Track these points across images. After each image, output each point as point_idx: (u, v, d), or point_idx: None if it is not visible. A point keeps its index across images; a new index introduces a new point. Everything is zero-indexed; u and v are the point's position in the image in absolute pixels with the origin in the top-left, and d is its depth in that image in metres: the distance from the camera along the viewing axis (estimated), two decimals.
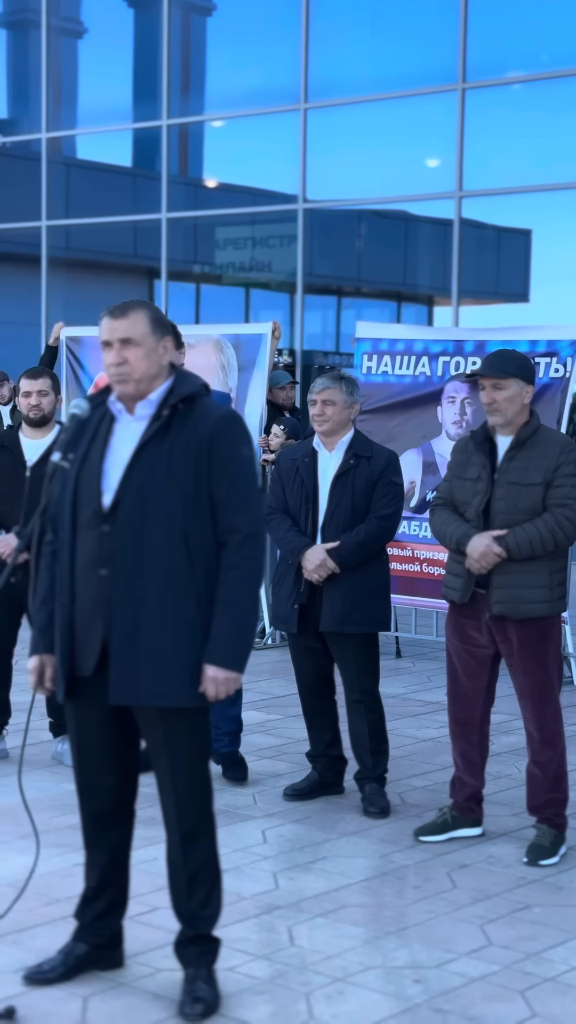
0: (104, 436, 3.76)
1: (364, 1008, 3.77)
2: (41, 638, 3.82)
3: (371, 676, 5.63)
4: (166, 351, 3.77)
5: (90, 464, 3.74)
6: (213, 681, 3.66)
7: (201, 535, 3.67)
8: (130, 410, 3.77)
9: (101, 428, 3.78)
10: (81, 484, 3.74)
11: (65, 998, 3.77)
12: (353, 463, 5.58)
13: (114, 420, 3.79)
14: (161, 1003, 3.76)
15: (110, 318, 3.73)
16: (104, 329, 3.73)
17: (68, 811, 5.28)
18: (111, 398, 3.81)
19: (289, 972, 3.99)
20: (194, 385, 3.78)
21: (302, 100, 14.52)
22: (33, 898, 4.40)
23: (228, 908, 4.31)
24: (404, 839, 5.18)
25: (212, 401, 3.82)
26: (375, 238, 15.58)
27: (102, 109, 16.88)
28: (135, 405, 3.76)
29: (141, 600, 3.63)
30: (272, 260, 15.87)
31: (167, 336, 3.78)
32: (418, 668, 8.46)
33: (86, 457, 3.76)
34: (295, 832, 5.24)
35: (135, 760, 3.90)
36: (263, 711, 7.15)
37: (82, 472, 3.75)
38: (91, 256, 17.51)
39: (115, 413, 3.79)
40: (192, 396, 3.75)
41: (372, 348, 8.34)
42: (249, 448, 3.79)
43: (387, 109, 14.24)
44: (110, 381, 3.76)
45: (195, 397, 3.76)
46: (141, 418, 3.75)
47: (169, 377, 3.79)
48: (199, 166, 16.76)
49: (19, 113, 17.86)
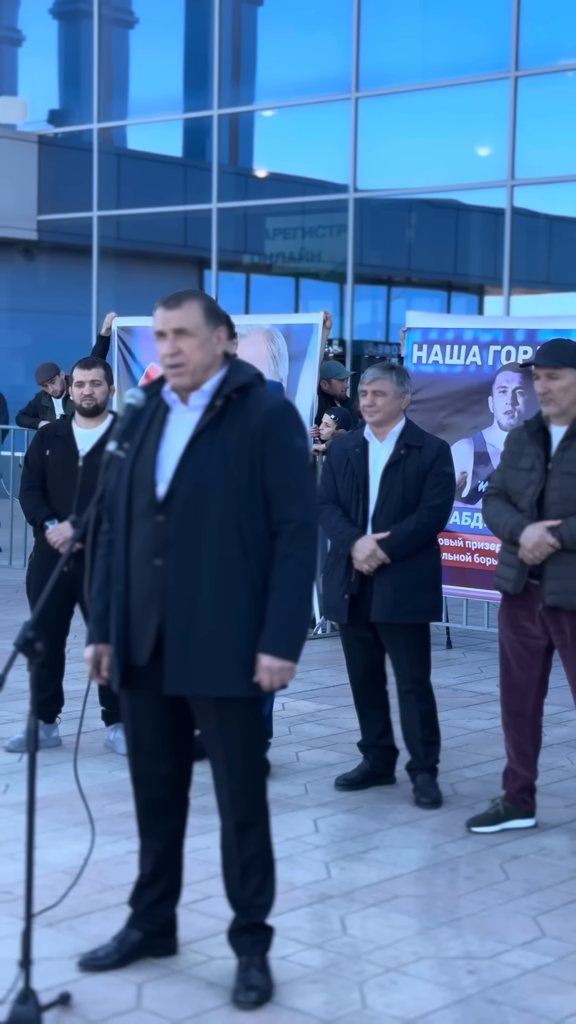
0: (158, 426, 3.78)
1: (417, 998, 3.77)
2: (97, 628, 3.84)
3: (422, 666, 5.62)
4: (220, 341, 3.77)
5: (144, 454, 3.75)
6: (267, 670, 3.67)
7: (255, 525, 3.68)
8: (184, 400, 3.78)
9: (155, 418, 3.79)
10: (136, 474, 3.76)
11: (119, 985, 3.80)
12: (404, 453, 5.57)
13: (168, 410, 3.80)
14: (215, 990, 3.78)
15: (164, 309, 3.73)
16: (158, 320, 3.74)
17: (121, 799, 5.31)
18: (165, 388, 3.82)
19: (342, 961, 4.00)
20: (248, 375, 3.78)
21: (353, 89, 14.48)
22: (87, 885, 4.43)
23: (280, 897, 4.32)
24: (456, 830, 5.18)
25: (266, 391, 3.82)
26: (426, 227, 15.52)
27: (153, 99, 16.91)
28: (189, 395, 3.76)
29: (196, 590, 3.65)
30: (322, 250, 15.85)
31: (221, 326, 3.78)
32: (469, 659, 8.43)
33: (141, 447, 3.77)
34: (347, 822, 5.25)
35: (189, 748, 3.92)
36: (314, 701, 7.16)
37: (137, 462, 3.76)
38: (142, 246, 17.56)
39: (169, 403, 3.80)
40: (246, 386, 3.75)
41: (422, 338, 8.32)
42: (303, 438, 3.79)
43: (439, 97, 14.17)
44: (164, 372, 3.77)
45: (249, 387, 3.76)
46: (195, 408, 3.76)
47: (223, 367, 3.79)
48: (249, 156, 16.75)
49: (71, 104, 17.92)
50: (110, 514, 3.84)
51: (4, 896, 4.39)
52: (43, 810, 5.19)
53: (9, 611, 9.51)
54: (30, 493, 6.14)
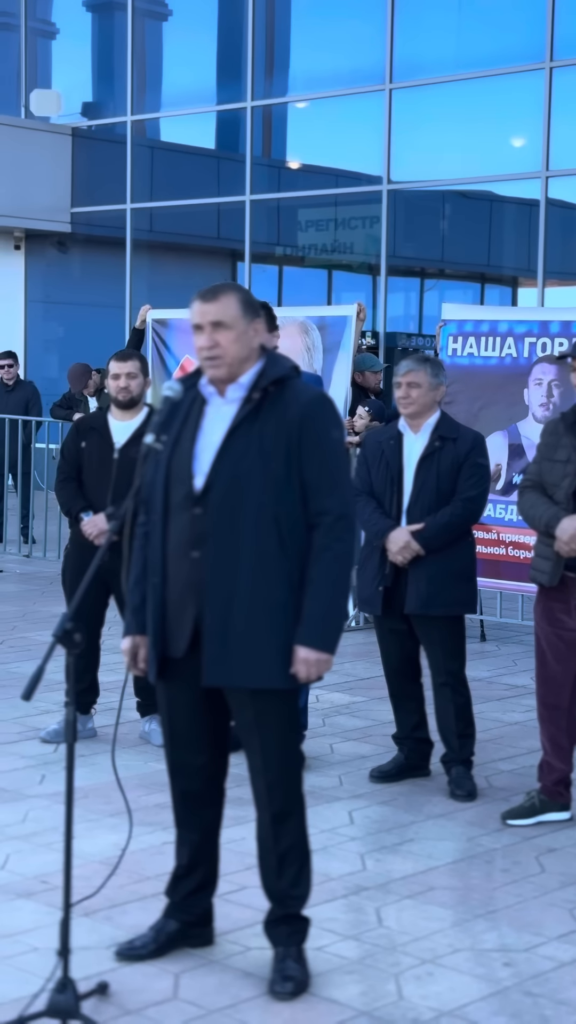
0: (195, 419, 3.78)
1: (454, 990, 3.77)
2: (134, 619, 3.86)
3: (457, 659, 5.61)
4: (256, 334, 3.78)
5: (181, 447, 3.76)
6: (305, 662, 3.68)
7: (292, 517, 3.68)
8: (221, 393, 3.78)
9: (192, 411, 3.80)
10: (173, 467, 3.77)
11: (156, 974, 3.82)
12: (439, 445, 5.56)
13: (205, 403, 3.81)
14: (251, 981, 3.79)
15: (201, 301, 3.74)
16: (195, 312, 3.75)
17: (156, 790, 5.34)
18: (202, 381, 3.82)
19: (378, 953, 4.01)
20: (284, 367, 3.79)
21: (387, 80, 14.43)
22: (124, 875, 4.45)
23: (316, 888, 4.33)
24: (491, 822, 5.17)
25: (302, 383, 3.83)
26: (459, 219, 15.47)
27: (186, 91, 16.91)
28: (226, 388, 3.77)
29: (233, 582, 3.66)
30: (355, 242, 15.82)
31: (257, 319, 3.78)
32: (503, 652, 8.42)
33: (178, 440, 3.78)
34: (382, 814, 5.25)
35: (225, 740, 3.94)
36: (348, 693, 7.17)
37: (174, 455, 3.77)
38: (175, 239, 17.57)
39: (206, 396, 3.81)
40: (283, 378, 3.76)
41: (457, 330, 8.30)
42: (339, 430, 3.79)
43: (473, 88, 14.10)
44: (201, 364, 3.78)
45: (286, 379, 3.76)
46: (232, 401, 3.76)
47: (260, 360, 3.80)
48: (283, 148, 16.74)
49: (104, 96, 17.95)
50: (147, 506, 3.86)
51: (41, 886, 4.42)
52: (79, 801, 5.21)
53: (44, 602, 9.56)
54: (65, 485, 6.16)
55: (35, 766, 5.71)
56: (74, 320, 18.11)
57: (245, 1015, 3.60)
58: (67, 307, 18.22)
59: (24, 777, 5.56)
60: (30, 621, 8.87)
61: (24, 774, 5.60)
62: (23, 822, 5.02)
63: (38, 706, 6.56)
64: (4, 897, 4.32)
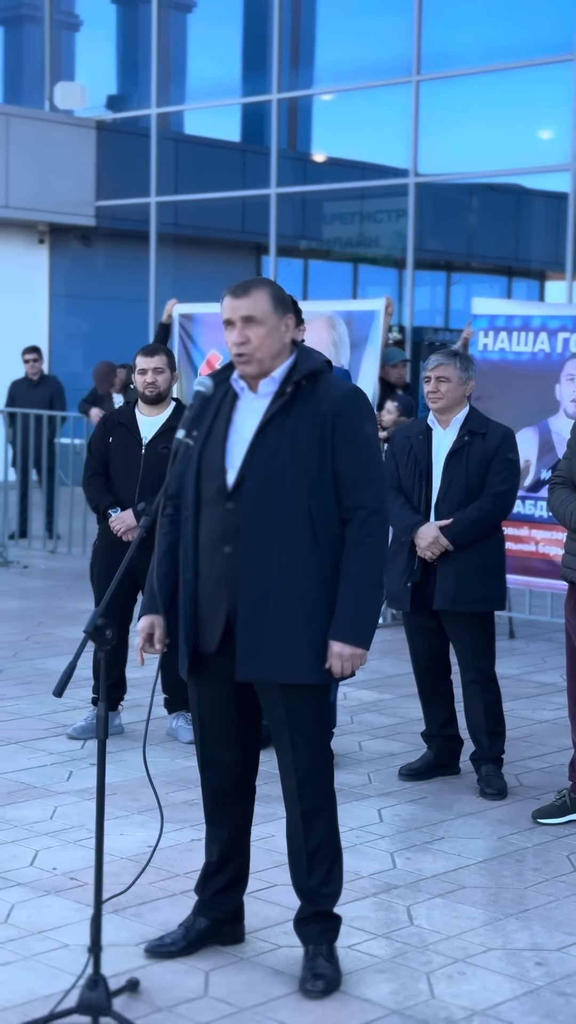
0: (227, 414, 3.76)
1: (486, 989, 3.75)
2: (151, 600, 3.81)
3: (486, 656, 5.57)
4: (288, 329, 3.75)
5: (213, 442, 3.74)
6: (339, 657, 3.66)
7: (325, 512, 3.66)
8: (253, 388, 3.76)
9: (224, 406, 3.78)
10: (204, 462, 3.74)
11: (187, 972, 3.80)
12: (468, 440, 5.52)
13: (237, 398, 3.78)
14: (282, 979, 3.77)
15: (232, 297, 3.71)
16: (226, 308, 3.72)
17: (184, 787, 5.32)
18: (234, 376, 3.80)
19: (409, 952, 3.98)
20: (316, 362, 3.77)
21: (414, 72, 14.36)
22: (152, 872, 4.44)
23: (346, 886, 4.30)
24: (522, 821, 5.14)
25: (335, 377, 3.80)
26: (487, 212, 15.40)
27: (211, 84, 16.88)
28: (258, 383, 3.75)
29: (266, 577, 3.63)
30: (381, 235, 15.77)
31: (289, 314, 3.76)
32: (532, 649, 8.37)
33: (209, 435, 3.76)
34: (411, 812, 5.22)
35: (256, 736, 3.91)
36: (375, 690, 7.14)
37: (205, 450, 3.75)
38: (200, 232, 17.54)
39: (238, 391, 3.79)
40: (315, 373, 3.73)
41: (489, 325, 8.25)
42: (373, 424, 3.77)
43: (501, 80, 14.03)
44: (232, 359, 3.75)
45: (318, 374, 3.74)
46: (264, 396, 3.74)
47: (291, 354, 3.77)
48: (308, 140, 16.69)
49: (129, 89, 17.93)
50: (177, 501, 3.83)
51: (70, 883, 4.40)
52: (107, 797, 5.20)
53: (70, 599, 9.55)
54: (93, 480, 6.15)
55: (62, 762, 5.70)
56: (98, 314, 18.11)
57: (276, 1013, 3.58)
58: (91, 301, 18.22)
59: (52, 773, 5.55)
60: (55, 617, 8.86)
61: (52, 770, 5.59)
62: (51, 819, 5.01)
63: (65, 702, 6.54)
64: (33, 894, 4.31)
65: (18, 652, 7.78)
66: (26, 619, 8.79)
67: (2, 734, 6.09)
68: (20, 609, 9.20)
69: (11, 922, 4.10)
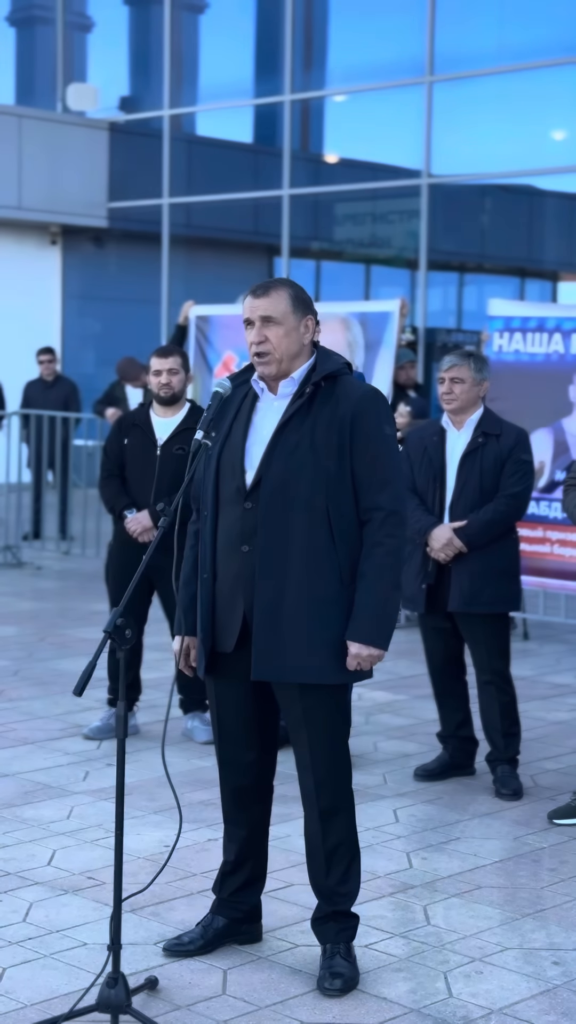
0: (247, 414, 3.78)
1: (503, 988, 3.76)
2: (185, 619, 3.85)
3: (501, 657, 5.58)
4: (308, 330, 3.77)
5: (232, 442, 3.76)
6: (357, 658, 3.67)
7: (343, 513, 3.67)
8: (272, 389, 3.78)
9: (244, 406, 3.80)
10: (223, 462, 3.76)
11: (205, 970, 3.81)
12: (482, 441, 5.53)
13: (256, 398, 3.80)
14: (300, 978, 3.78)
15: (252, 297, 3.73)
16: (246, 308, 3.74)
17: (200, 787, 5.33)
18: (254, 376, 3.82)
19: (426, 951, 3.99)
20: (336, 363, 3.78)
21: (427, 73, 14.36)
22: (170, 872, 4.45)
23: (363, 886, 4.31)
24: (537, 821, 5.14)
25: (354, 379, 3.82)
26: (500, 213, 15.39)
27: (223, 85, 16.89)
28: (277, 384, 3.76)
29: (283, 577, 3.65)
30: (394, 236, 15.77)
31: (309, 315, 3.77)
32: (546, 650, 8.37)
33: (228, 435, 3.78)
34: (427, 812, 5.23)
35: (274, 736, 3.93)
36: (391, 691, 7.14)
37: (224, 450, 3.77)
38: (212, 233, 17.55)
39: (257, 391, 3.80)
40: (334, 374, 3.75)
41: (504, 326, 8.25)
42: (391, 426, 3.78)
43: (514, 81, 14.02)
44: (252, 360, 3.77)
45: (337, 375, 3.76)
46: (283, 396, 3.76)
47: (311, 355, 3.79)
48: (321, 141, 16.70)
49: (141, 90, 17.96)
50: (197, 503, 3.85)
51: (88, 882, 4.42)
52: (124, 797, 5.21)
53: (84, 600, 9.57)
54: (109, 482, 6.16)
55: (79, 762, 5.71)
56: (111, 316, 18.13)
57: (294, 1011, 3.59)
58: (103, 303, 18.25)
59: (68, 773, 5.57)
60: (68, 618, 8.88)
61: (68, 770, 5.61)
62: (68, 818, 5.03)
63: (80, 703, 6.56)
64: (51, 893, 4.33)
65: (32, 653, 7.81)
66: (40, 620, 8.82)
67: (18, 734, 6.11)
68: (34, 610, 9.22)
69: (30, 920, 4.12)
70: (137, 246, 17.98)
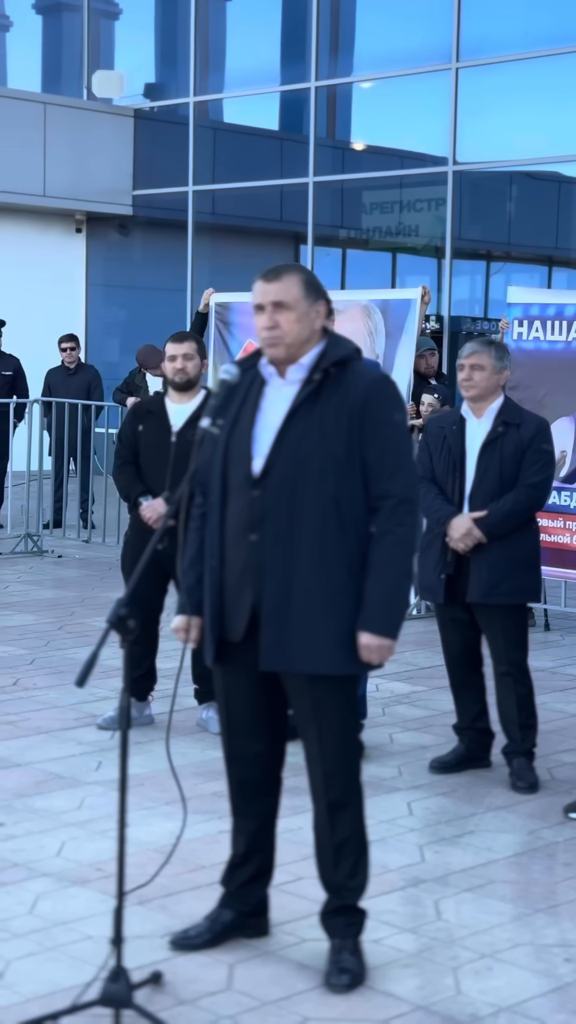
0: (255, 400, 3.72)
1: (513, 985, 3.70)
2: (189, 599, 3.80)
3: (519, 648, 5.51)
4: (319, 315, 3.71)
5: (240, 428, 3.71)
6: (367, 648, 3.61)
7: (353, 501, 3.62)
8: (281, 374, 3.72)
9: (252, 392, 3.74)
10: (231, 448, 3.71)
11: (211, 964, 3.77)
12: (502, 430, 5.46)
13: (265, 384, 3.75)
14: (307, 973, 3.74)
15: (263, 281, 3.68)
16: (256, 292, 3.69)
17: (213, 778, 5.29)
18: (262, 362, 3.76)
19: (436, 946, 3.94)
20: (346, 349, 3.73)
21: (454, 59, 14.25)
22: (179, 864, 4.41)
23: (373, 880, 4.26)
24: (553, 815, 5.08)
25: (364, 365, 3.76)
26: (526, 201, 15.26)
27: (249, 72, 16.82)
28: (287, 369, 3.71)
29: (293, 566, 3.59)
30: (420, 224, 15.67)
31: (321, 300, 3.72)
32: (567, 642, 8.29)
33: (236, 421, 3.72)
34: (441, 805, 5.17)
35: (282, 728, 3.88)
36: (408, 682, 7.08)
37: (232, 436, 3.71)
38: (237, 221, 17.50)
39: (266, 377, 3.75)
40: (344, 360, 3.69)
41: (523, 314, 8.16)
42: (402, 413, 3.73)
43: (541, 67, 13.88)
44: (261, 345, 3.71)
45: (347, 361, 3.70)
46: (292, 382, 3.70)
47: (321, 341, 3.73)
48: (347, 128, 16.60)
49: (167, 77, 17.91)
50: (204, 489, 3.80)
51: (96, 874, 4.38)
52: (135, 788, 5.18)
53: (104, 588, 9.55)
54: (123, 469, 6.13)
55: (92, 752, 5.68)
56: (135, 304, 18.10)
57: (300, 1007, 3.55)
58: (128, 291, 18.22)
59: (80, 764, 5.53)
60: (88, 607, 8.86)
61: (80, 760, 5.58)
62: (79, 809, 4.99)
63: (95, 692, 6.54)
64: (59, 884, 4.30)
65: (50, 642, 7.78)
66: (59, 608, 8.80)
67: (32, 724, 6.09)
68: (54, 599, 9.20)
69: (36, 913, 4.08)
70: (162, 234, 17.95)
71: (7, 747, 5.71)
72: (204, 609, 3.75)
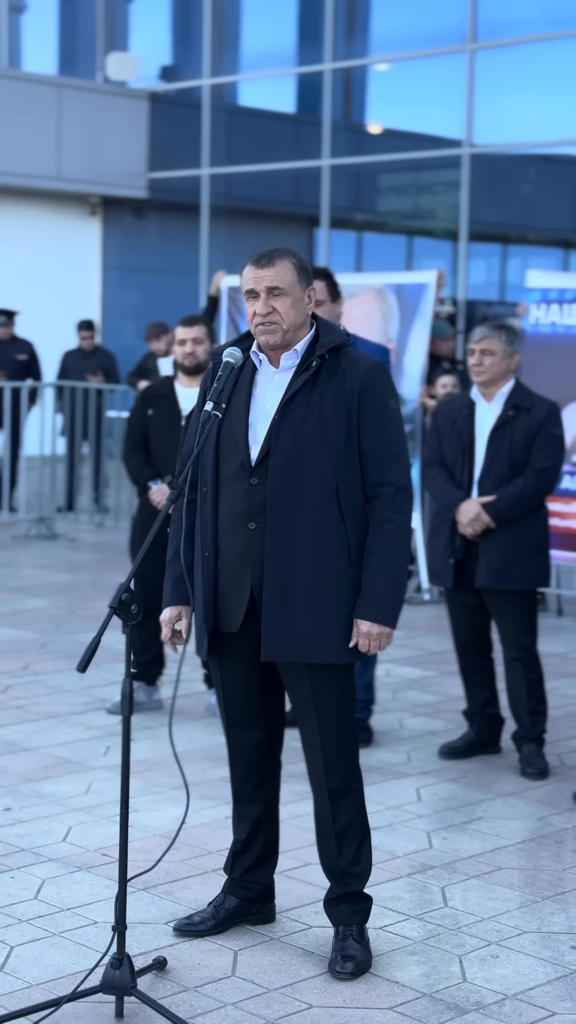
0: (246, 388, 3.68)
1: (519, 973, 3.68)
2: (175, 590, 3.76)
3: (529, 634, 5.48)
4: (310, 300, 3.68)
5: (233, 416, 3.66)
6: (367, 636, 3.59)
7: (351, 489, 3.59)
8: (273, 361, 3.68)
9: (242, 379, 3.70)
10: (223, 437, 3.67)
11: (215, 951, 3.75)
12: (512, 415, 5.42)
13: (255, 371, 3.70)
14: (311, 960, 3.72)
15: (255, 267, 3.62)
16: (249, 278, 3.63)
17: (220, 763, 5.27)
18: (252, 348, 3.72)
19: (442, 933, 3.92)
20: (340, 336, 3.70)
21: (469, 41, 14.15)
22: (185, 849, 4.40)
23: (380, 866, 4.26)
24: (563, 801, 5.05)
25: (357, 351, 3.73)
26: (543, 183, 15.15)
27: (264, 54, 16.73)
28: (279, 355, 3.67)
29: (292, 554, 3.56)
30: (435, 207, 15.58)
31: (311, 284, 3.69)
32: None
33: (228, 409, 3.68)
34: (450, 791, 5.15)
35: (281, 714, 3.86)
36: (419, 667, 7.06)
37: (224, 424, 3.67)
38: (252, 204, 17.43)
39: (256, 363, 3.71)
40: (339, 346, 3.66)
41: (541, 298, 8.10)
42: (396, 399, 3.72)
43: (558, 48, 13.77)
44: (255, 331, 3.66)
45: (340, 347, 3.67)
46: (286, 369, 3.67)
47: (312, 326, 3.70)
48: (362, 111, 16.51)
49: (182, 60, 17.82)
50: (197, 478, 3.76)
51: (102, 859, 4.37)
52: (142, 773, 5.17)
53: (117, 572, 9.54)
54: (133, 453, 6.11)
55: (100, 737, 5.67)
56: (150, 287, 18.06)
57: (304, 994, 3.53)
58: (143, 274, 18.17)
59: (89, 748, 5.52)
60: (101, 591, 8.85)
61: (89, 745, 5.56)
62: (86, 794, 4.98)
63: (104, 676, 6.53)
64: (65, 869, 4.29)
65: (61, 626, 7.78)
66: (71, 592, 8.79)
67: (41, 708, 6.08)
68: (66, 583, 9.19)
69: (41, 898, 4.07)
70: (177, 217, 17.89)
71: (16, 731, 5.71)
72: (195, 600, 3.72)
